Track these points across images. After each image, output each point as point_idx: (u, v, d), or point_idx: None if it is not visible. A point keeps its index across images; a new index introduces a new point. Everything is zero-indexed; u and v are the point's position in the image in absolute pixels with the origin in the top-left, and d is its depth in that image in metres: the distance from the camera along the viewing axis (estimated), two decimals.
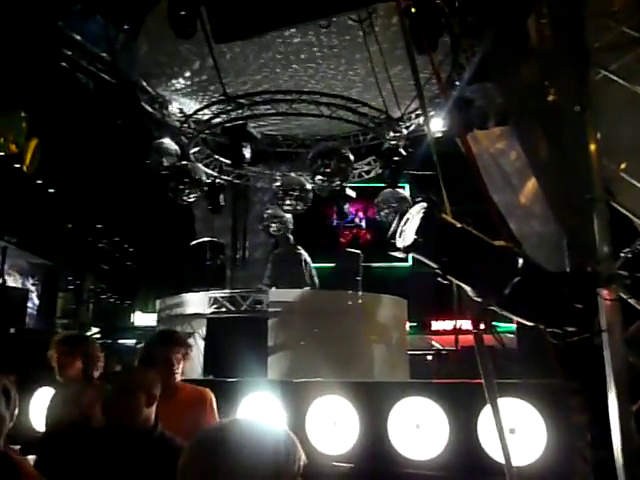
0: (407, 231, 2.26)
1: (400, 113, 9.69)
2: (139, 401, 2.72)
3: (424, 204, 2.25)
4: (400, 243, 2.29)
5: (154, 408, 2.79)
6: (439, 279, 2.30)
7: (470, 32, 7.82)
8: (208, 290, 9.22)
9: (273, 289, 9.16)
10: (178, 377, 3.52)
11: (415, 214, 2.27)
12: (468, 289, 2.31)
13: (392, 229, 2.34)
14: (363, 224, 22.20)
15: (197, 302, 9.23)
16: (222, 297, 8.95)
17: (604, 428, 3.44)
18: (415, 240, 2.19)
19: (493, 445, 4.13)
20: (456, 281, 2.27)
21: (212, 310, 8.95)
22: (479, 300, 2.35)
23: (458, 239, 2.24)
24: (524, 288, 2.27)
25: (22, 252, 18.07)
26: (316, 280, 9.96)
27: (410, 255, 2.29)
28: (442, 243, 2.23)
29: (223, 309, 8.89)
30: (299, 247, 10.22)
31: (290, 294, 8.93)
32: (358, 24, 7.06)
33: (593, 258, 2.73)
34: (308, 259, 10.07)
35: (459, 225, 2.25)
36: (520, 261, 2.29)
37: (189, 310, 9.33)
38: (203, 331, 8.96)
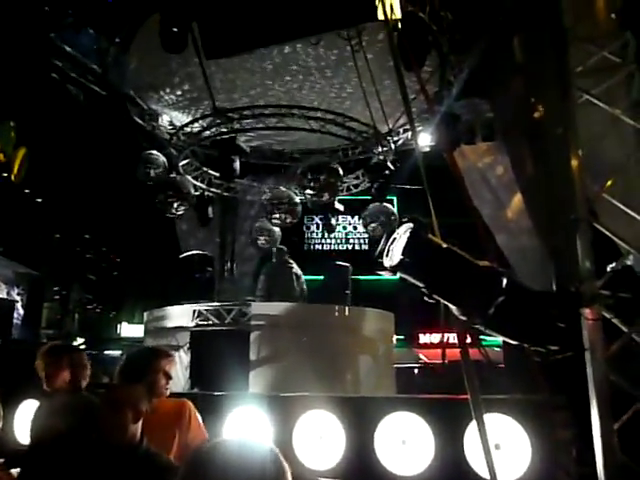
0: (394, 250, 2.31)
1: (388, 128, 9.78)
2: (126, 417, 2.71)
3: (411, 224, 2.29)
4: (387, 262, 2.33)
5: (140, 424, 2.78)
6: (425, 298, 2.33)
7: (457, 49, 7.95)
8: (196, 302, 9.18)
9: (257, 302, 9.15)
10: (166, 392, 3.51)
11: (402, 234, 2.31)
12: (453, 308, 2.35)
13: (379, 248, 2.38)
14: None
15: (182, 315, 9.20)
16: (206, 310, 8.92)
17: (588, 444, 3.48)
18: (402, 260, 2.23)
19: (479, 461, 4.15)
20: (442, 300, 2.31)
21: (196, 323, 8.92)
22: (464, 319, 2.39)
23: (444, 259, 2.28)
24: (508, 308, 2.31)
25: (8, 261, 17.92)
26: (305, 294, 9.97)
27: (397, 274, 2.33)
28: (428, 263, 2.27)
29: (208, 322, 8.86)
30: (291, 260, 10.23)
31: (276, 307, 8.92)
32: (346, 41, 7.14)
33: (576, 278, 2.79)
34: (299, 272, 10.08)
35: (445, 245, 2.30)
36: (504, 281, 2.33)
37: (175, 323, 9.29)
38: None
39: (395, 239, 2.33)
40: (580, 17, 3.16)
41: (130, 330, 25.78)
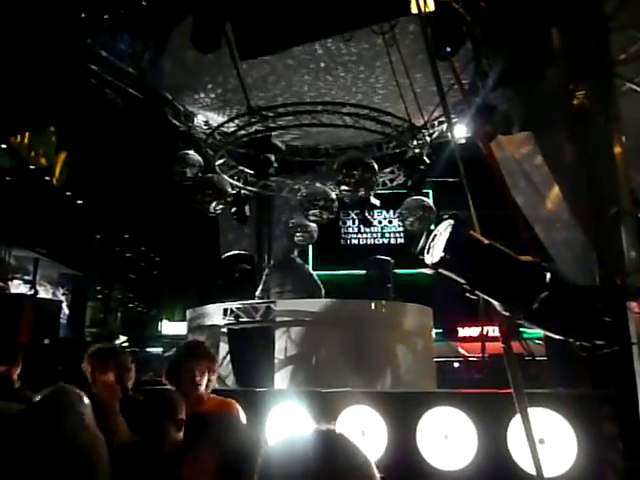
0: (435, 248, 2.30)
1: (423, 121, 9.70)
2: (167, 430, 2.77)
3: (451, 221, 2.29)
4: (428, 260, 2.33)
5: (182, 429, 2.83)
6: (467, 294, 2.32)
7: (492, 39, 7.83)
8: (232, 300, 9.30)
9: (282, 300, 9.19)
10: (202, 389, 3.57)
11: (443, 231, 2.30)
12: (496, 304, 2.33)
13: (420, 245, 2.37)
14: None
15: (216, 313, 9.35)
16: (237, 308, 9.03)
17: (635, 439, 3.41)
18: (443, 257, 2.23)
19: (523, 455, 4.11)
20: (484, 296, 2.30)
21: (227, 321, 9.05)
22: (507, 314, 2.37)
23: (485, 255, 2.27)
24: (552, 302, 2.29)
25: (53, 263, 18.41)
26: (321, 289, 9.86)
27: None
28: (470, 259, 2.26)
29: (238, 319, 8.97)
30: (295, 256, 10.19)
31: (314, 304, 8.96)
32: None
33: (622, 270, 2.73)
34: (310, 269, 10.03)
35: (486, 241, 2.28)
36: (548, 275, 2.30)
37: (211, 321, 9.44)
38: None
39: (436, 236, 2.32)
40: (622, 3, 3.07)
41: (171, 328, 26.24)
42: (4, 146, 13.96)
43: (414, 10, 4.61)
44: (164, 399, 2.90)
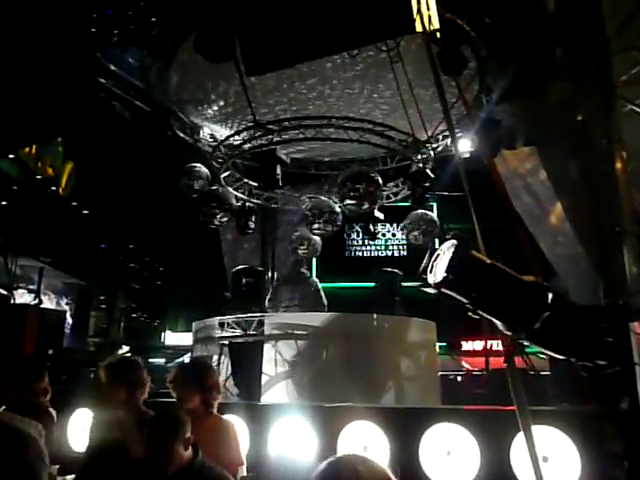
0: (438, 267, 2.33)
1: (427, 135, 9.74)
2: (175, 449, 2.81)
3: (454, 241, 2.31)
4: (431, 279, 2.35)
5: (190, 446, 2.87)
6: (470, 314, 2.34)
7: (496, 55, 7.89)
8: (244, 313, 9.32)
9: (276, 313, 9.21)
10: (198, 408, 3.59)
11: (446, 250, 2.33)
12: (498, 323, 2.35)
13: (423, 265, 2.40)
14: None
15: (214, 326, 9.38)
16: (233, 321, 9.06)
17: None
18: (446, 277, 2.25)
19: (526, 473, 4.10)
20: (486, 315, 2.32)
21: (222, 334, 9.09)
22: (509, 334, 2.39)
23: (488, 275, 2.29)
24: (554, 322, 2.30)
25: (57, 272, 18.46)
26: (324, 300, 9.87)
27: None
28: (472, 279, 2.29)
29: (233, 333, 9.00)
30: (305, 269, 10.19)
31: (316, 318, 8.96)
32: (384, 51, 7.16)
33: (624, 291, 2.74)
34: (317, 282, 10.04)
35: (489, 261, 2.31)
36: (550, 295, 2.32)
37: (210, 334, 9.48)
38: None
39: (439, 255, 2.35)
40: (624, 26, 3.11)
41: (174, 338, 26.20)
42: (12, 156, 14.06)
43: (419, 28, 4.66)
44: (173, 419, 2.94)
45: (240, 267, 10.61)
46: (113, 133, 10.91)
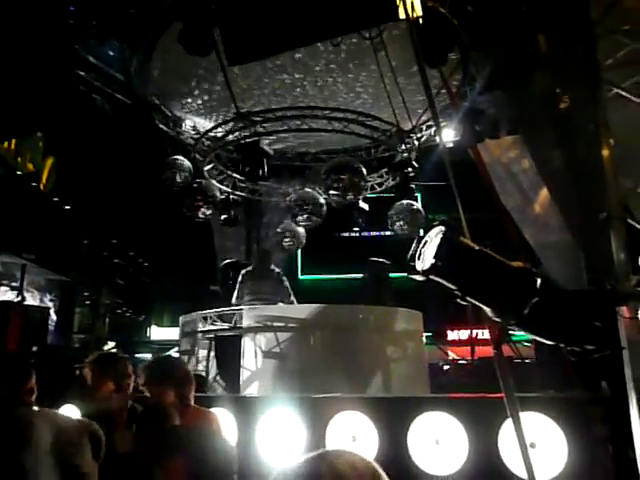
0: (426, 254, 2.30)
1: (411, 125, 9.73)
2: None
3: (442, 227, 2.29)
4: (419, 266, 2.33)
5: None
6: (458, 300, 2.33)
7: (480, 43, 7.88)
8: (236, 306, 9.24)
9: (281, 304, 9.12)
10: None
11: (433, 237, 2.30)
12: (487, 310, 2.34)
13: (411, 252, 2.37)
14: None
15: (197, 320, 9.31)
16: (215, 315, 8.98)
17: (626, 441, 3.43)
18: (434, 263, 2.23)
19: (514, 460, 4.13)
20: (475, 302, 2.30)
21: (205, 328, 9.03)
22: (498, 320, 2.38)
23: (476, 261, 2.27)
24: (543, 308, 2.30)
25: (40, 269, 18.24)
26: (292, 297, 9.78)
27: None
28: (460, 266, 2.27)
29: (215, 327, 8.93)
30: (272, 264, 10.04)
31: (300, 310, 8.90)
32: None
33: (611, 275, 2.75)
34: (280, 273, 9.87)
35: (477, 247, 2.29)
36: (538, 281, 2.31)
37: (195, 328, 9.40)
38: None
39: (426, 242, 2.33)
40: (609, 9, 3.10)
41: (160, 333, 26.07)
42: None
43: (402, 15, 4.63)
44: (162, 414, 2.91)
45: (228, 261, 10.53)
46: (94, 127, 10.77)
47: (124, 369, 3.66)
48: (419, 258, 2.34)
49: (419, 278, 2.31)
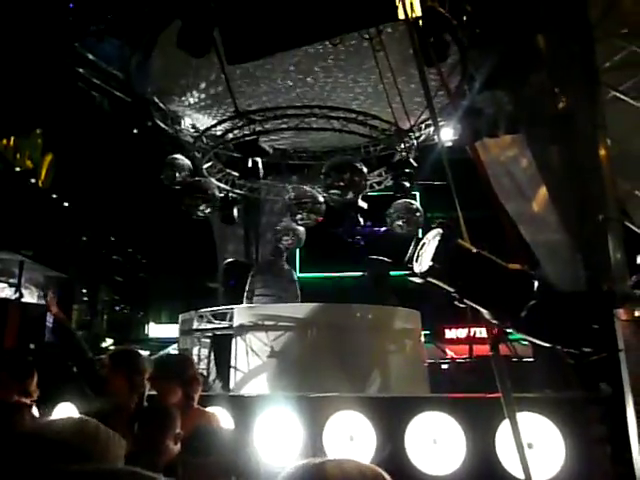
0: (424, 256, 2.30)
1: (410, 124, 9.72)
2: (167, 445, 2.78)
3: (440, 229, 2.29)
4: (417, 268, 2.33)
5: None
6: (455, 302, 2.33)
7: (478, 43, 7.87)
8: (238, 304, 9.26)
9: (280, 305, 9.14)
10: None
11: (431, 239, 2.30)
12: (484, 312, 2.34)
13: (409, 254, 2.37)
14: None
15: (193, 319, 9.33)
16: (209, 314, 9.01)
17: (624, 441, 3.44)
18: (432, 266, 2.23)
19: (511, 460, 4.14)
20: (472, 304, 2.30)
21: (200, 326, 9.05)
22: (495, 322, 2.38)
23: (474, 264, 2.27)
24: (540, 310, 2.30)
25: (38, 265, 18.22)
26: (298, 292, 9.79)
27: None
28: (458, 268, 2.27)
29: (209, 325, 8.95)
30: (282, 260, 10.09)
31: (298, 309, 8.91)
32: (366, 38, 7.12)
33: (608, 277, 2.75)
34: (292, 271, 9.93)
35: (475, 250, 2.29)
36: (535, 283, 2.31)
37: (192, 326, 9.42)
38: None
39: (424, 244, 2.33)
40: (607, 12, 3.10)
41: (157, 330, 26.08)
42: None
43: (401, 15, 4.63)
44: (165, 414, 2.91)
45: (230, 260, 10.53)
46: (93, 124, 10.76)
47: (139, 366, 3.66)
48: (417, 260, 2.34)
49: (417, 280, 2.31)
